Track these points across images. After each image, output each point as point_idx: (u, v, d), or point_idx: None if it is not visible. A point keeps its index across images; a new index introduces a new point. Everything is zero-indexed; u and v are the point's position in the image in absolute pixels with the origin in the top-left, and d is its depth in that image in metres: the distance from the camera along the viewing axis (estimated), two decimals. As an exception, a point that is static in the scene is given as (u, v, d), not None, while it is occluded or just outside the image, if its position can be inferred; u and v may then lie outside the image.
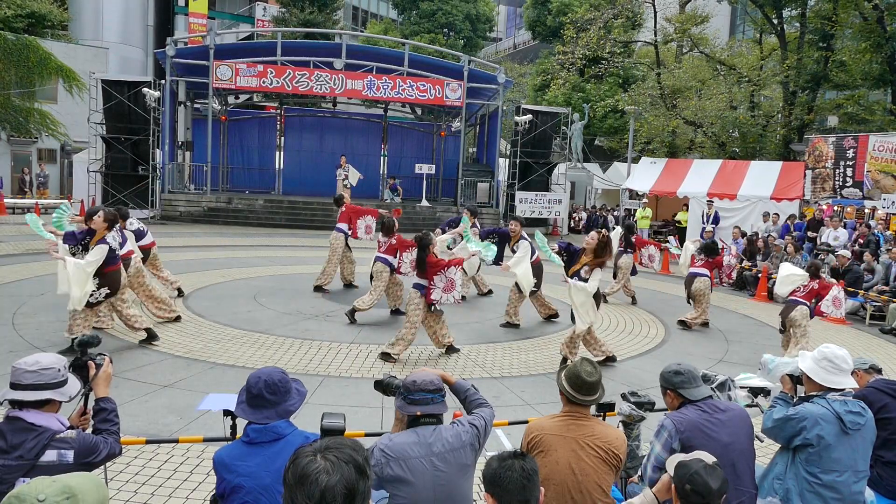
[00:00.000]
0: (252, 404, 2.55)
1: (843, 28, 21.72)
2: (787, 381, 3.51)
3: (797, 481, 3.14)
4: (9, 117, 21.44)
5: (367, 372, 6.60)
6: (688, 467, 2.47)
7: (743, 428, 3.04)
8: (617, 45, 26.15)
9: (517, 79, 35.58)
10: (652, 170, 20.29)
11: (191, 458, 4.51)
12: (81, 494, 1.70)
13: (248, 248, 15.14)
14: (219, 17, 39.30)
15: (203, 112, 23.18)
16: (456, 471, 2.66)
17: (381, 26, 44.10)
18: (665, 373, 3.18)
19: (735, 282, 13.74)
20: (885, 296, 10.85)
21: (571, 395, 3.00)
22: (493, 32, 45.98)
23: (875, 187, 15.86)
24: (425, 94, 21.09)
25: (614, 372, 7.04)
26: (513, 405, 5.84)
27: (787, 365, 3.64)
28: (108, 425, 2.77)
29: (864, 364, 4.07)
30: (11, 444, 2.40)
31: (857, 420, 3.13)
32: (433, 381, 2.78)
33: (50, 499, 1.65)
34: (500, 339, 8.20)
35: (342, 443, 1.63)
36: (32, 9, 26.79)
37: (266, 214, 20.49)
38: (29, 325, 7.46)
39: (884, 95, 22.65)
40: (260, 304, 9.22)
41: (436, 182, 24.96)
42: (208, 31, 28.08)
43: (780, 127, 23.80)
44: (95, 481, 1.79)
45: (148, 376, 6.08)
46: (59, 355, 2.66)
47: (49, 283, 9.80)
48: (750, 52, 26.02)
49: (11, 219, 18.47)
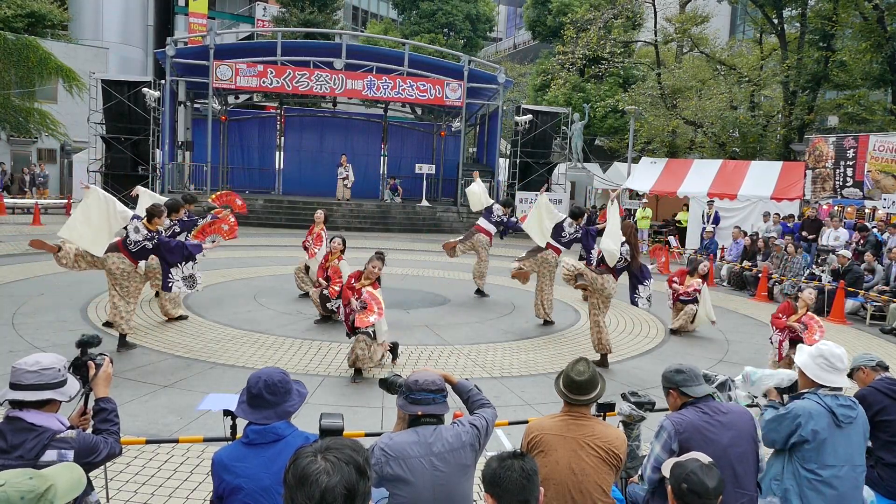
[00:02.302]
0: (252, 404, 2.55)
1: (844, 28, 21.70)
2: (773, 392, 3.51)
3: (796, 480, 3.13)
4: (9, 117, 21.44)
5: (367, 372, 6.59)
6: (684, 467, 2.47)
7: (745, 430, 3.03)
8: (617, 45, 26.12)
9: (517, 79, 35.57)
10: (652, 170, 20.28)
11: (191, 458, 4.51)
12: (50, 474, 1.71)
13: (248, 248, 15.13)
14: (219, 17, 39.31)
15: (203, 112, 23.19)
16: (455, 471, 2.66)
17: (381, 26, 44.10)
18: (667, 372, 3.18)
19: (735, 282, 13.75)
20: (885, 296, 10.85)
21: (565, 395, 3.03)
22: (493, 32, 45.94)
23: (875, 187, 15.85)
24: (425, 94, 21.10)
25: (614, 372, 7.04)
26: (513, 405, 5.84)
27: (770, 378, 3.60)
28: (109, 425, 2.77)
29: (871, 361, 3.95)
30: (11, 444, 2.40)
31: (849, 413, 3.14)
32: (435, 381, 2.78)
33: (10, 481, 1.65)
34: (500, 339, 8.20)
35: (342, 443, 1.63)
36: (32, 9, 26.79)
37: (266, 214, 20.49)
38: (29, 325, 7.46)
39: (884, 95, 22.62)
40: (260, 304, 9.22)
41: (436, 182, 24.96)
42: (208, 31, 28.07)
43: (780, 127, 23.78)
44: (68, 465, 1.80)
45: (148, 376, 6.08)
46: (60, 355, 2.66)
47: (49, 283, 9.82)
48: (750, 52, 26.00)
49: (11, 219, 18.48)
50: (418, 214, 21.75)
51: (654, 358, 7.78)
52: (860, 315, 11.19)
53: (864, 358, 4.00)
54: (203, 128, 21.85)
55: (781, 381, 3.47)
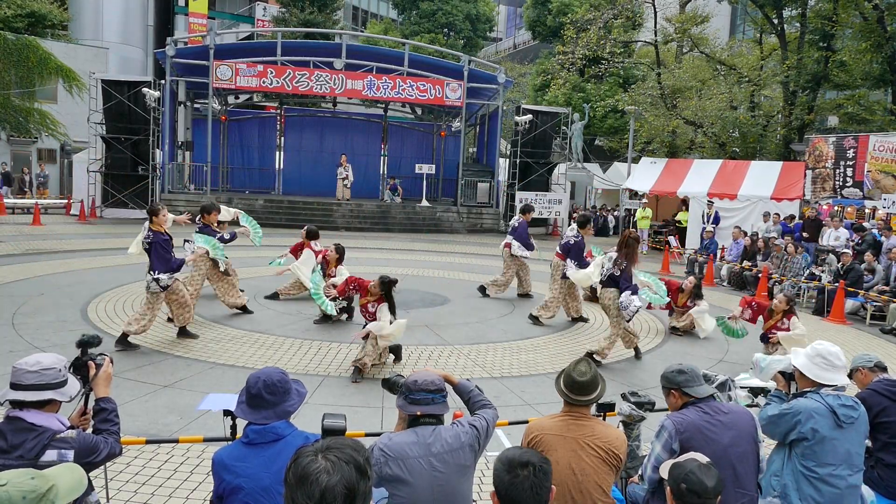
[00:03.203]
0: (251, 404, 2.55)
1: (844, 28, 21.71)
2: (780, 378, 3.52)
3: (794, 476, 3.14)
4: (9, 117, 21.43)
5: (367, 372, 6.60)
6: (683, 467, 2.47)
7: (745, 430, 3.03)
8: (617, 45, 26.12)
9: (517, 79, 35.58)
10: (652, 170, 20.28)
11: (191, 458, 4.51)
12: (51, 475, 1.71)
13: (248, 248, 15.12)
14: (219, 17, 39.31)
15: (203, 112, 23.19)
16: (454, 471, 2.66)
17: (381, 26, 44.11)
18: (667, 373, 3.18)
19: (735, 282, 13.75)
20: (885, 296, 10.85)
21: (566, 394, 3.02)
22: (493, 32, 45.96)
23: (875, 187, 15.85)
24: (425, 94, 21.10)
25: (614, 372, 7.04)
26: (513, 405, 5.84)
27: (779, 363, 3.63)
28: (109, 425, 2.77)
29: (868, 362, 3.95)
30: (12, 444, 2.40)
31: (851, 413, 3.14)
32: (434, 382, 2.79)
33: (12, 481, 1.65)
34: (500, 339, 8.20)
35: (343, 443, 1.63)
36: (32, 9, 26.79)
37: (266, 214, 20.46)
38: (29, 325, 7.46)
39: (884, 95, 22.63)
40: (260, 304, 9.22)
41: (436, 182, 24.97)
42: (208, 31, 28.08)
43: (780, 127, 23.78)
44: (69, 466, 1.80)
45: (148, 376, 6.08)
46: (60, 355, 2.66)
47: (49, 283, 9.82)
48: (750, 52, 26.00)
49: (11, 219, 18.47)
50: (418, 214, 21.74)
51: (654, 358, 7.78)
52: (860, 315, 11.19)
53: (862, 359, 4.01)
54: (203, 128, 21.86)
55: (788, 366, 3.48)
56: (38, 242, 13.80)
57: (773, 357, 3.77)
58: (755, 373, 3.81)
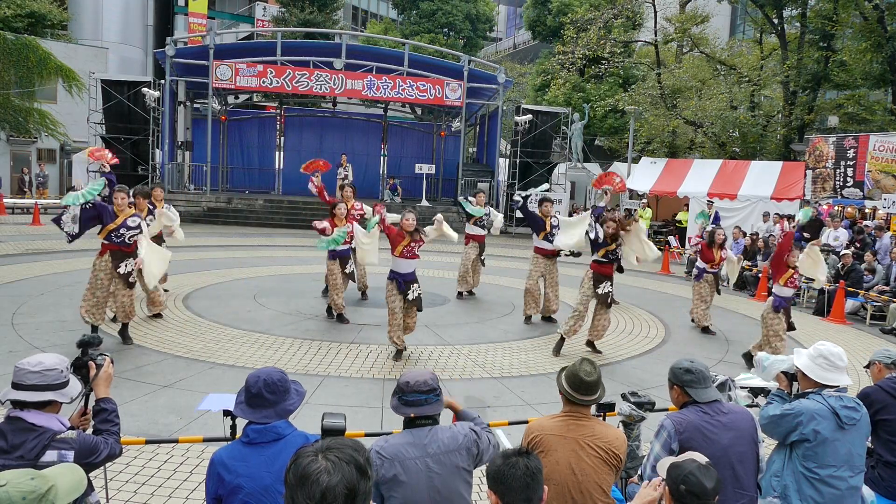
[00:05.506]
0: (251, 404, 2.55)
1: (844, 28, 21.68)
2: (782, 378, 3.51)
3: (794, 477, 3.14)
4: (8, 117, 21.41)
5: (367, 372, 6.60)
6: (681, 468, 2.46)
7: (745, 430, 3.02)
8: (617, 45, 26.12)
9: (517, 79, 35.54)
10: (652, 170, 20.28)
11: (191, 458, 4.51)
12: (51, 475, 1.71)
13: (247, 248, 15.15)
14: (219, 17, 39.29)
15: (203, 112, 23.19)
16: (450, 472, 2.66)
17: (381, 26, 44.09)
18: (676, 368, 3.13)
19: (735, 282, 13.73)
20: (885, 296, 10.85)
21: (570, 394, 3.00)
22: (493, 32, 45.94)
23: (875, 187, 15.84)
24: (425, 94, 21.09)
25: (614, 372, 7.04)
26: (513, 405, 5.83)
27: (782, 362, 3.63)
28: (109, 426, 2.77)
29: (887, 358, 3.92)
30: (12, 444, 2.40)
31: (853, 415, 3.13)
32: (427, 382, 2.77)
33: (12, 481, 1.65)
34: (500, 339, 8.20)
35: (343, 443, 1.63)
36: (32, 9, 26.75)
37: (266, 214, 20.49)
38: (29, 325, 7.46)
39: (884, 95, 22.61)
40: (260, 304, 9.22)
41: (436, 182, 24.95)
42: (208, 30, 28.09)
43: (780, 127, 23.77)
44: (69, 466, 1.80)
45: (148, 376, 6.08)
46: (62, 356, 2.66)
47: (49, 282, 9.82)
48: (750, 52, 25.98)
49: (11, 219, 18.47)
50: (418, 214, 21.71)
51: (655, 358, 7.77)
52: (860, 315, 11.20)
53: (881, 353, 3.98)
54: (203, 128, 21.85)
55: (791, 366, 3.47)
56: (38, 242, 13.80)
57: (776, 357, 3.77)
58: (757, 372, 3.81)
